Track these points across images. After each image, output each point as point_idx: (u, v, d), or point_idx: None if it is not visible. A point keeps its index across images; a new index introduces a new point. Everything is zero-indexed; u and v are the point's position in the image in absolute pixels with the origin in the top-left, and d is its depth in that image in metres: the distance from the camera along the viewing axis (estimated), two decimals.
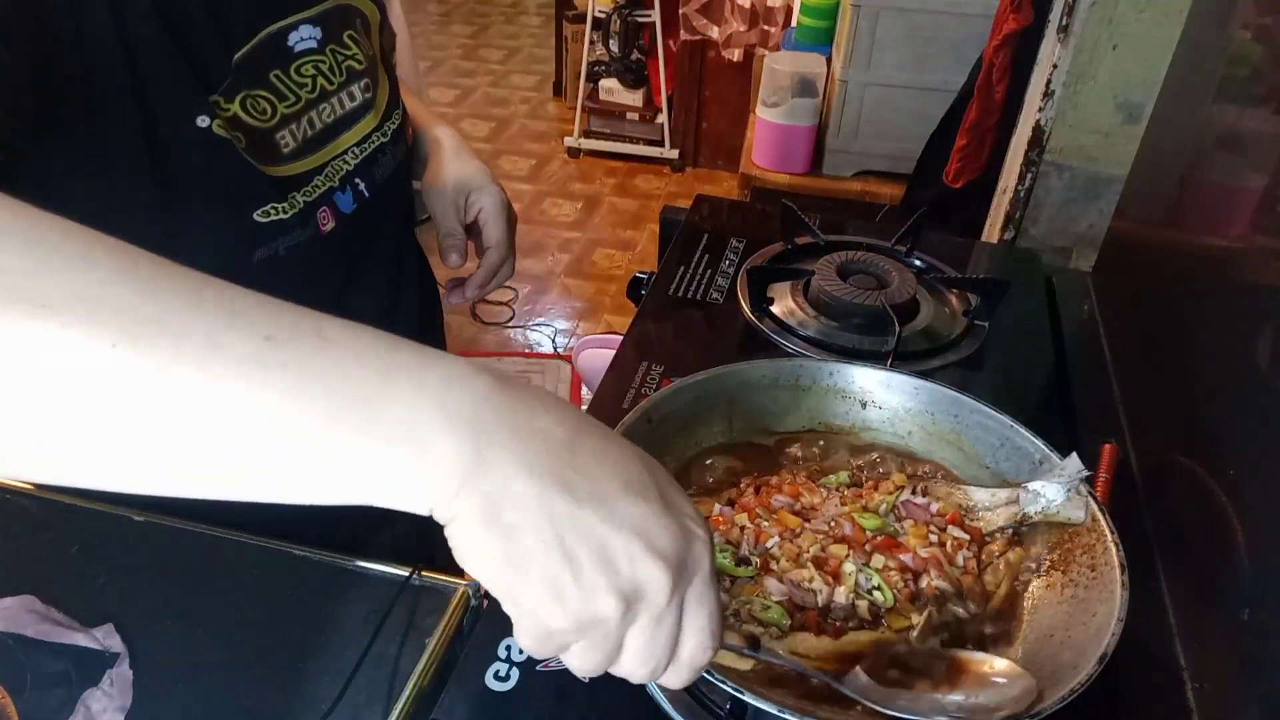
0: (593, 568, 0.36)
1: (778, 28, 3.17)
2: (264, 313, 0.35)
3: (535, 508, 0.36)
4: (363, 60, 0.78)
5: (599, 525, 0.36)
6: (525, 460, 0.36)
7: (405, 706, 0.65)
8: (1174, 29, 1.12)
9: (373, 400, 0.35)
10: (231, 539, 0.77)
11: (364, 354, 0.35)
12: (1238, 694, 0.57)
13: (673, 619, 0.39)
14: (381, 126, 0.80)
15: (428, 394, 0.35)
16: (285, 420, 0.34)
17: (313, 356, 0.34)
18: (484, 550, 0.36)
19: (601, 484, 0.37)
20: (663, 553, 0.37)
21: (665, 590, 0.38)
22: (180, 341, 0.33)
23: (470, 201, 0.91)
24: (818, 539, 0.68)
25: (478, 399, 0.36)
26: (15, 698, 0.63)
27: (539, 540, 0.36)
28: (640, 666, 0.39)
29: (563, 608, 0.36)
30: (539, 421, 0.37)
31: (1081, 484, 0.67)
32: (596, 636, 0.38)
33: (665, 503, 0.39)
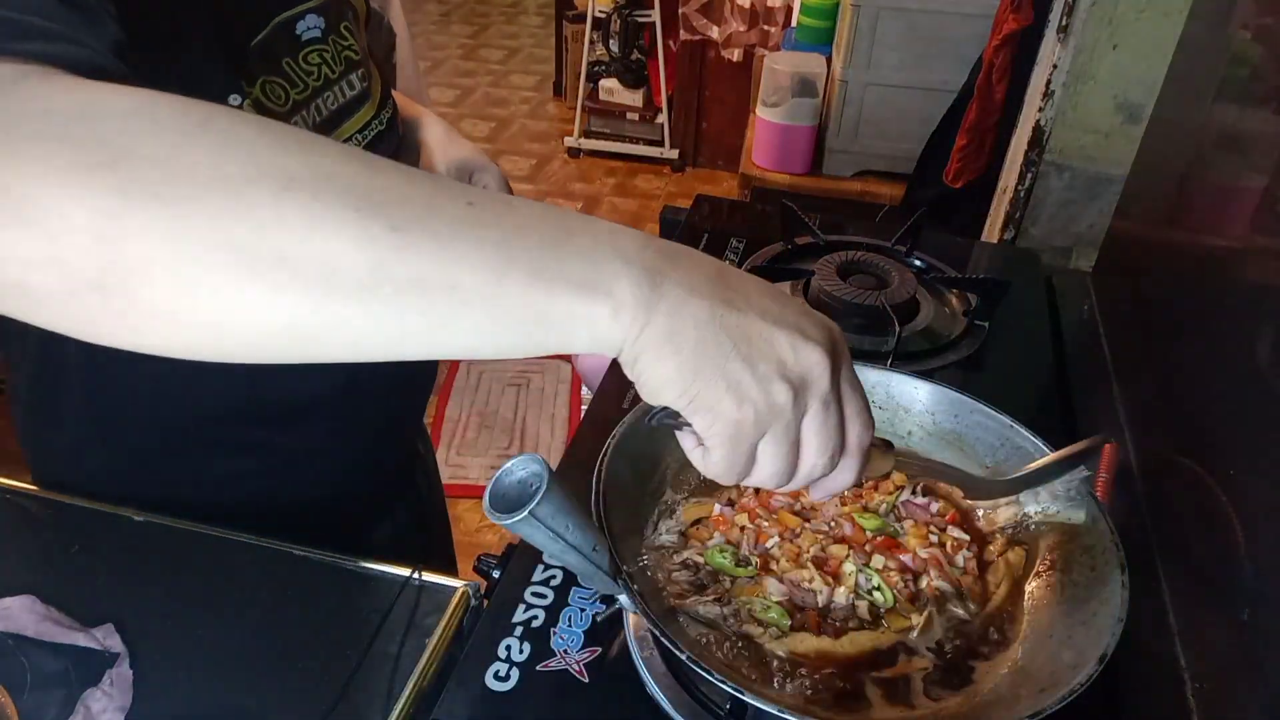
0: (765, 361, 0.41)
1: (778, 28, 3.17)
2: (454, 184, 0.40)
3: (710, 323, 0.41)
4: (358, 51, 0.80)
5: (762, 325, 0.42)
6: (692, 286, 0.41)
7: (405, 706, 0.65)
8: (1174, 29, 1.12)
9: (562, 250, 0.39)
10: (231, 539, 0.77)
11: (542, 214, 0.40)
12: (1238, 694, 0.57)
13: (836, 402, 0.44)
14: (379, 115, 0.82)
15: (603, 244, 0.40)
16: (497, 270, 0.38)
17: (506, 216, 0.39)
18: (673, 371, 0.41)
19: (754, 297, 0.43)
20: (817, 340, 0.43)
21: (826, 371, 0.43)
22: (405, 207, 0.37)
23: (474, 180, 0.94)
24: (818, 539, 0.68)
25: (639, 244, 0.41)
26: (15, 698, 0.63)
27: (719, 348, 0.41)
28: (820, 454, 0.44)
29: (745, 402, 0.41)
30: (691, 256, 0.43)
31: (1081, 484, 0.67)
32: (779, 426, 0.42)
33: (804, 307, 0.45)
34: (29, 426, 0.85)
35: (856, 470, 0.47)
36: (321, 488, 0.88)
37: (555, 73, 4.57)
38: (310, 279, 0.36)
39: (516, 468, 0.47)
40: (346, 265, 0.36)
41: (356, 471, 0.91)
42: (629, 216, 3.64)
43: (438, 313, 0.38)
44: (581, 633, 0.69)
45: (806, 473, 0.45)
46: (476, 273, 0.37)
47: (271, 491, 0.85)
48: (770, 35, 3.22)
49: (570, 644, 0.68)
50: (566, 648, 0.68)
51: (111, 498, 0.80)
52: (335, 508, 0.89)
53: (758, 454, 0.43)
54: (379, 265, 0.36)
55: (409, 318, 0.38)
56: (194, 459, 0.82)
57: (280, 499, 0.85)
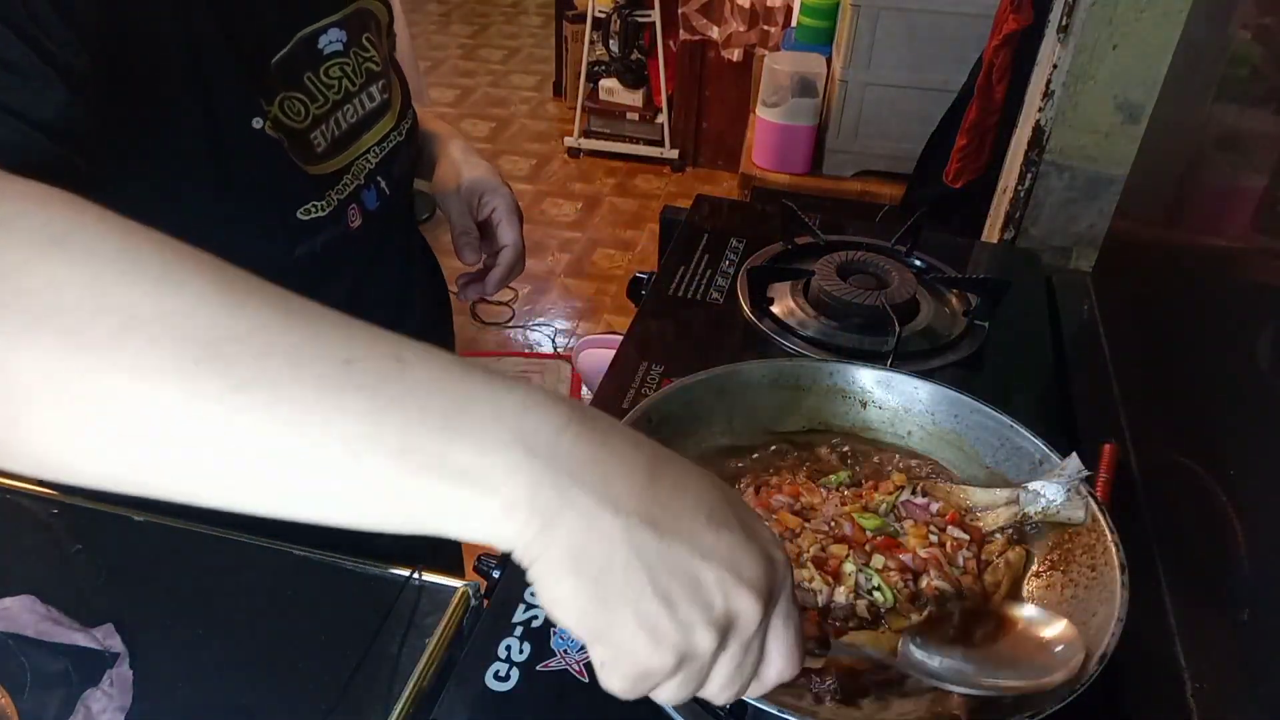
0: (688, 603, 0.36)
1: (778, 28, 3.17)
2: (343, 334, 0.34)
3: (624, 545, 0.35)
4: (379, 62, 0.80)
5: (689, 559, 0.36)
6: (608, 496, 0.35)
7: (405, 706, 0.65)
8: (1174, 29, 1.12)
9: (448, 430, 0.34)
10: (231, 539, 0.77)
11: (441, 380, 0.35)
12: (1238, 694, 0.57)
13: (759, 643, 0.39)
14: (398, 126, 0.83)
15: (506, 425, 0.34)
16: (359, 447, 0.33)
17: (390, 382, 0.34)
18: (572, 594, 0.35)
19: (685, 516, 0.36)
20: (752, 582, 0.37)
21: (756, 618, 0.37)
22: (262, 361, 0.33)
23: (483, 202, 0.93)
24: (818, 539, 0.68)
25: (555, 428, 0.35)
26: (15, 698, 0.63)
27: (630, 579, 0.35)
28: (726, 691, 0.39)
29: (660, 647, 0.36)
30: (618, 452, 0.36)
31: (1081, 484, 0.67)
32: (691, 670, 0.37)
33: (746, 530, 0.38)
34: None
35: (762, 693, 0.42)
36: None
37: (555, 73, 4.57)
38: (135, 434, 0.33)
39: None
40: (176, 423, 0.32)
41: None
42: (629, 216, 3.64)
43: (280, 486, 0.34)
44: None
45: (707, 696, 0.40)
46: (329, 450, 0.33)
47: None
48: (770, 35, 3.22)
49: (570, 644, 0.68)
50: (566, 648, 0.68)
51: (111, 498, 0.80)
52: None
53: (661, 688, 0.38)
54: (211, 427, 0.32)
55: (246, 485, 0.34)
56: None
57: None
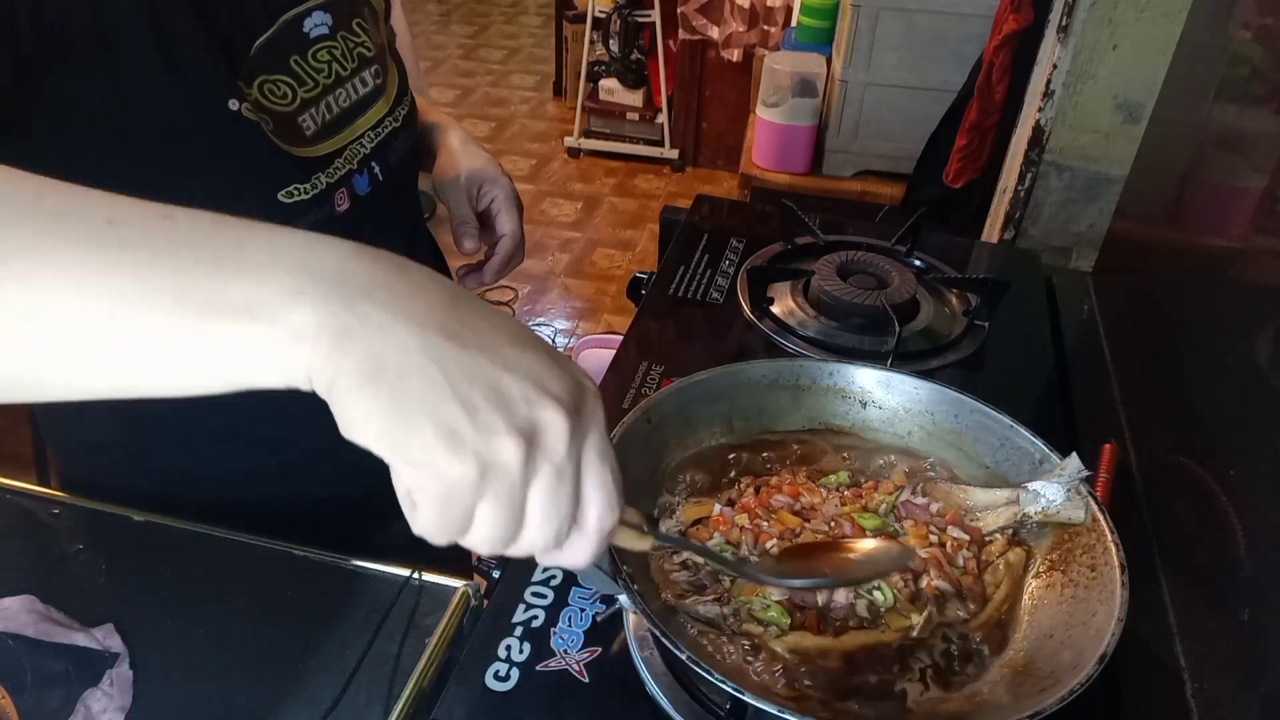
0: (488, 408, 0.34)
1: (778, 28, 3.17)
2: (106, 200, 0.34)
3: (421, 353, 0.33)
4: (372, 48, 0.80)
5: (490, 368, 0.35)
6: (404, 310, 0.34)
7: (405, 706, 0.65)
8: (1174, 29, 1.12)
9: (223, 268, 0.33)
10: (231, 539, 0.77)
11: (214, 228, 0.34)
12: (1238, 694, 0.57)
13: (572, 473, 0.37)
14: (393, 112, 0.83)
15: (286, 256, 0.33)
16: (132, 299, 0.32)
17: (157, 234, 0.33)
18: (369, 407, 0.33)
19: (487, 334, 0.35)
20: (558, 395, 0.36)
21: (564, 433, 0.36)
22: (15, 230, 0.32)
23: (483, 192, 0.94)
24: (818, 539, 0.68)
25: (342, 257, 0.34)
26: (15, 698, 0.63)
27: (428, 385, 0.33)
28: (546, 527, 0.37)
29: (461, 453, 0.34)
30: (415, 279, 0.35)
31: (1081, 484, 0.67)
32: (500, 488, 0.35)
33: (553, 356, 0.37)
34: (53, 420, 0.86)
35: (589, 552, 0.39)
36: (343, 484, 0.89)
37: (555, 73, 4.57)
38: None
39: None
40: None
41: (376, 468, 0.91)
42: (629, 216, 3.64)
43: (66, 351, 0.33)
44: (581, 633, 0.69)
45: (526, 546, 0.37)
46: (103, 304, 0.32)
47: (292, 487, 0.85)
48: (770, 35, 3.22)
49: (570, 644, 0.68)
50: (566, 648, 0.68)
51: (134, 492, 0.80)
52: (355, 503, 0.89)
53: (475, 515, 0.36)
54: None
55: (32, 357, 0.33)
56: (218, 454, 0.82)
57: (301, 494, 0.85)
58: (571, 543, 0.39)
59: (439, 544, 0.37)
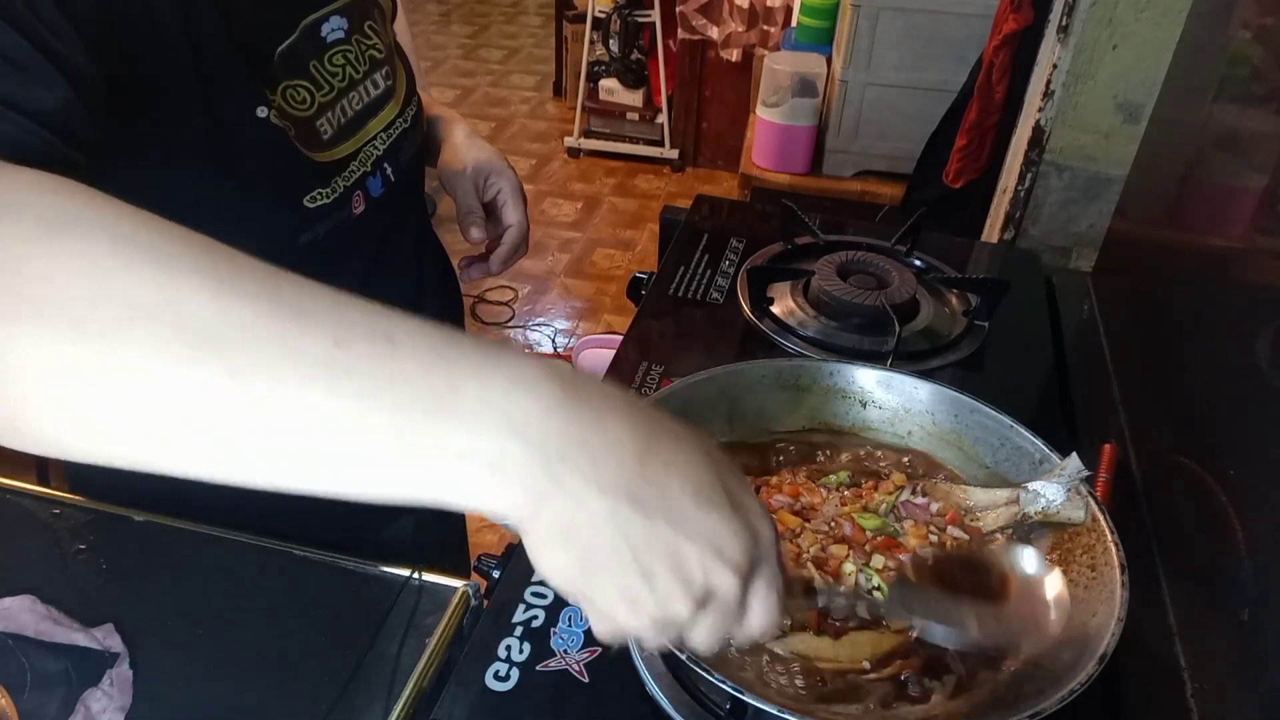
0: (667, 579, 0.37)
1: (778, 28, 3.17)
2: (333, 315, 0.35)
3: (608, 525, 0.36)
4: (382, 49, 0.80)
5: (672, 538, 0.37)
6: (595, 478, 0.36)
7: (405, 706, 0.65)
8: (1174, 29, 1.12)
9: (441, 413, 0.35)
10: (231, 539, 0.77)
11: (431, 360, 0.36)
12: (1238, 694, 0.57)
13: (739, 609, 0.41)
14: (403, 113, 0.83)
15: (495, 409, 0.35)
16: (354, 429, 0.34)
17: (381, 362, 0.35)
18: (560, 564, 0.37)
19: (673, 495, 0.37)
20: (733, 560, 0.39)
21: (735, 591, 0.39)
22: (256, 348, 0.34)
23: (489, 183, 0.94)
24: (818, 539, 0.68)
25: (545, 409, 0.36)
26: (15, 698, 0.63)
27: (614, 557, 0.37)
28: (704, 643, 0.41)
29: (638, 615, 0.38)
30: (610, 431, 0.37)
31: (1081, 484, 0.67)
32: (670, 630, 0.40)
33: (734, 505, 0.39)
34: None
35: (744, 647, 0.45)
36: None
37: (555, 73, 4.57)
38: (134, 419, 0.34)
39: None
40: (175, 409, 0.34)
41: None
42: (629, 216, 3.64)
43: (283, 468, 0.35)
44: (581, 633, 0.69)
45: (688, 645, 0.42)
46: (324, 431, 0.34)
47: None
48: (770, 35, 3.22)
49: (570, 644, 0.68)
50: (566, 648, 0.68)
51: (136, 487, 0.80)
52: (355, 503, 0.89)
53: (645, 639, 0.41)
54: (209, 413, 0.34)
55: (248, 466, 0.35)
56: None
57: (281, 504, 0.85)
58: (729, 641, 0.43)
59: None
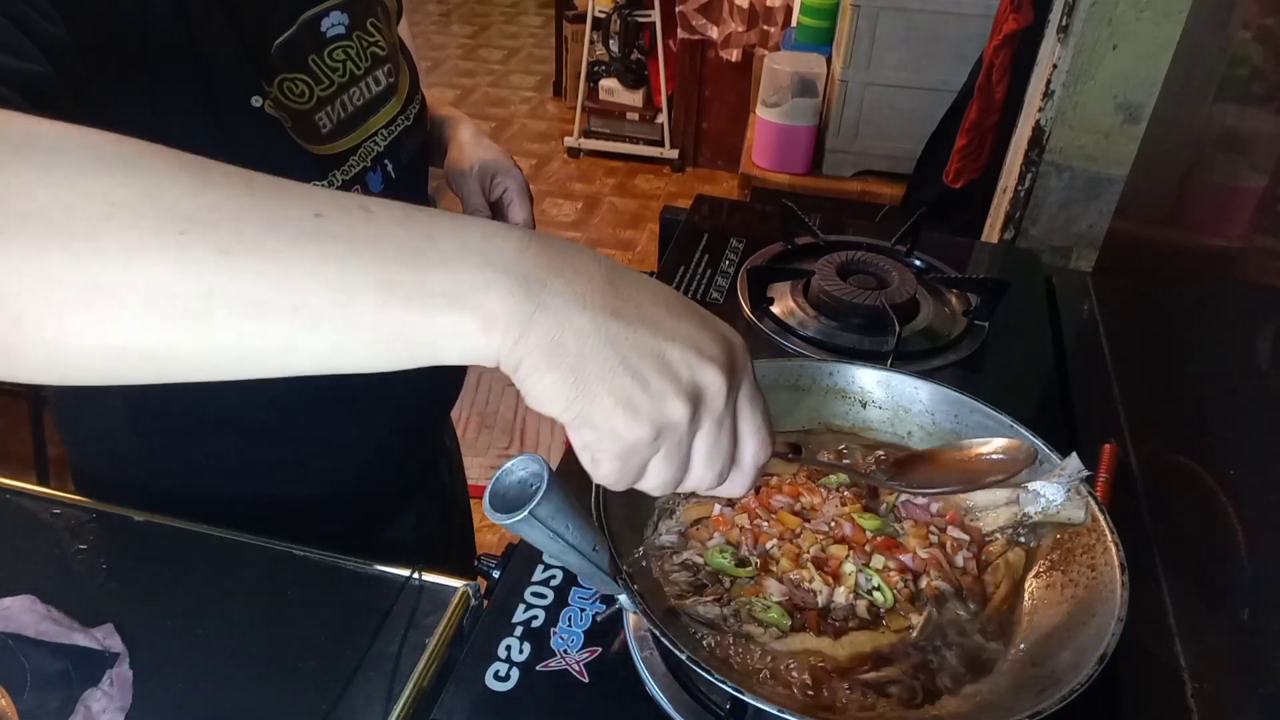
0: (658, 377, 0.39)
1: (777, 28, 3.17)
2: (308, 193, 0.38)
3: (595, 335, 0.38)
4: (385, 47, 0.81)
5: (654, 341, 0.40)
6: (575, 296, 0.38)
7: (405, 706, 0.65)
8: (1174, 29, 1.12)
9: (423, 260, 0.37)
10: (231, 539, 0.77)
11: (406, 220, 0.38)
12: (1238, 694, 0.57)
13: (730, 420, 0.43)
14: (405, 110, 0.83)
15: (472, 250, 0.38)
16: (346, 288, 0.36)
17: (361, 226, 0.37)
18: (555, 385, 0.38)
19: (647, 308, 0.40)
20: (714, 357, 0.41)
21: (722, 390, 0.41)
22: (240, 224, 0.35)
23: (495, 183, 0.95)
24: (818, 539, 0.68)
25: (518, 248, 0.38)
26: (15, 698, 0.63)
27: (604, 363, 0.39)
28: (709, 469, 0.43)
29: (637, 418, 0.39)
30: (577, 262, 0.40)
31: (1081, 484, 0.67)
32: (671, 443, 0.41)
33: (704, 318, 0.43)
34: (64, 411, 0.87)
35: (746, 485, 0.46)
36: (348, 479, 0.89)
37: (555, 73, 4.57)
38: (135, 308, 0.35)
39: (516, 468, 0.47)
40: (174, 293, 0.35)
41: (383, 463, 0.92)
42: (629, 216, 3.64)
43: (281, 335, 0.36)
44: (581, 633, 0.69)
45: (693, 484, 0.44)
46: (320, 292, 0.36)
47: (298, 481, 0.86)
48: (770, 35, 3.22)
49: (570, 644, 0.68)
50: (566, 648, 0.68)
51: (139, 485, 0.80)
52: (361, 499, 0.90)
53: (648, 467, 0.42)
54: (209, 291, 0.35)
55: (250, 341, 0.36)
56: (224, 446, 0.82)
57: (301, 491, 0.86)
58: (731, 479, 0.45)
59: (617, 490, 0.43)
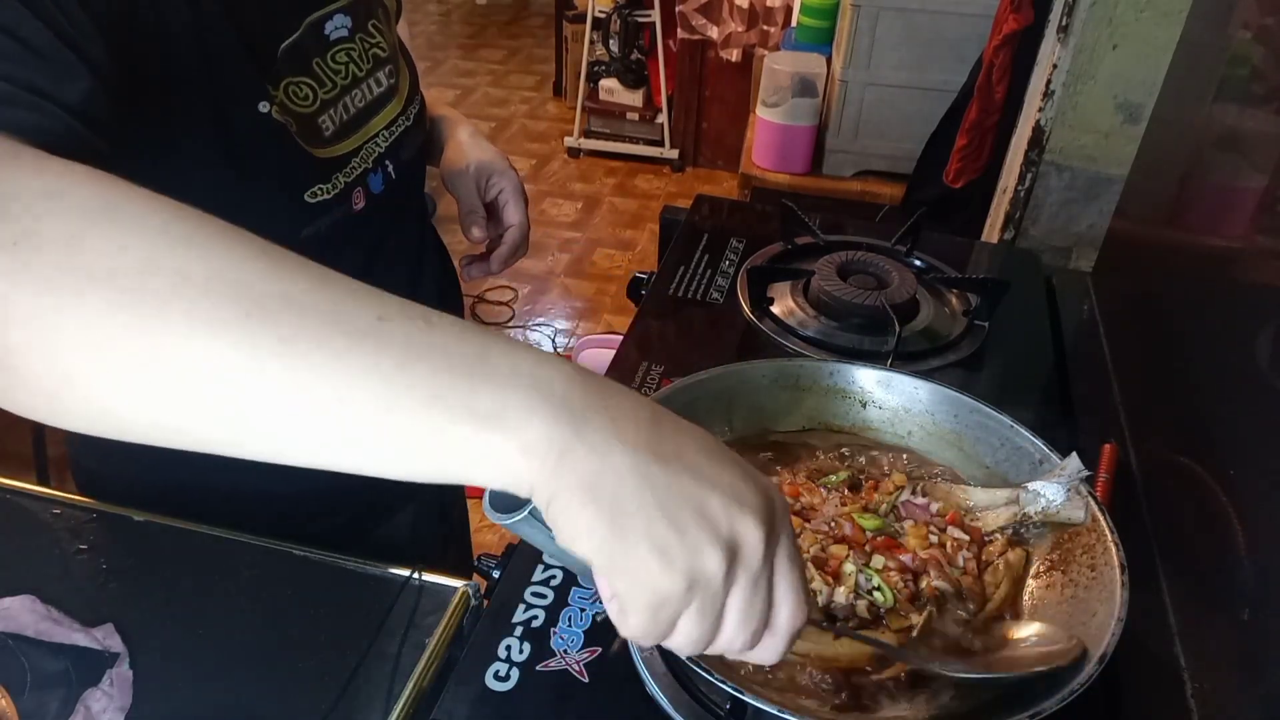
0: (695, 526, 0.38)
1: (777, 28, 3.17)
2: (374, 295, 0.38)
3: (633, 477, 0.37)
4: (386, 48, 0.81)
5: (695, 488, 0.38)
6: (618, 434, 0.37)
7: (405, 706, 0.65)
8: (1174, 29, 1.12)
9: (473, 378, 0.37)
10: (231, 539, 0.77)
11: (463, 338, 0.38)
12: (1238, 694, 0.57)
13: (767, 580, 0.40)
14: (405, 111, 0.83)
15: (523, 374, 0.37)
16: (393, 395, 0.36)
17: (419, 335, 0.37)
18: (589, 524, 0.37)
19: (689, 454, 0.39)
20: (755, 509, 0.39)
21: (761, 544, 0.39)
22: (305, 317, 0.36)
23: (491, 183, 0.95)
24: (818, 539, 0.68)
25: (567, 379, 0.38)
26: (15, 698, 0.63)
27: (641, 506, 0.37)
28: (742, 630, 0.40)
29: (671, 568, 0.37)
30: (623, 401, 0.39)
31: (1081, 484, 0.67)
32: (705, 599, 0.38)
33: (745, 469, 0.41)
34: None
35: (779, 651, 0.43)
36: (342, 479, 0.89)
37: (555, 73, 4.57)
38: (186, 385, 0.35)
39: None
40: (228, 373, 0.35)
41: None
42: (629, 216, 3.64)
43: (321, 431, 0.37)
44: (581, 633, 0.69)
45: (723, 646, 0.41)
46: (366, 396, 0.36)
47: (296, 477, 0.85)
48: (770, 35, 3.22)
49: (570, 644, 0.68)
50: (566, 648, 0.68)
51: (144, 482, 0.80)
52: (358, 494, 0.89)
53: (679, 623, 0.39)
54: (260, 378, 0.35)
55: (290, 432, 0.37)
56: None
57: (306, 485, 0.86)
58: (764, 643, 0.42)
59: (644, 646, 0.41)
